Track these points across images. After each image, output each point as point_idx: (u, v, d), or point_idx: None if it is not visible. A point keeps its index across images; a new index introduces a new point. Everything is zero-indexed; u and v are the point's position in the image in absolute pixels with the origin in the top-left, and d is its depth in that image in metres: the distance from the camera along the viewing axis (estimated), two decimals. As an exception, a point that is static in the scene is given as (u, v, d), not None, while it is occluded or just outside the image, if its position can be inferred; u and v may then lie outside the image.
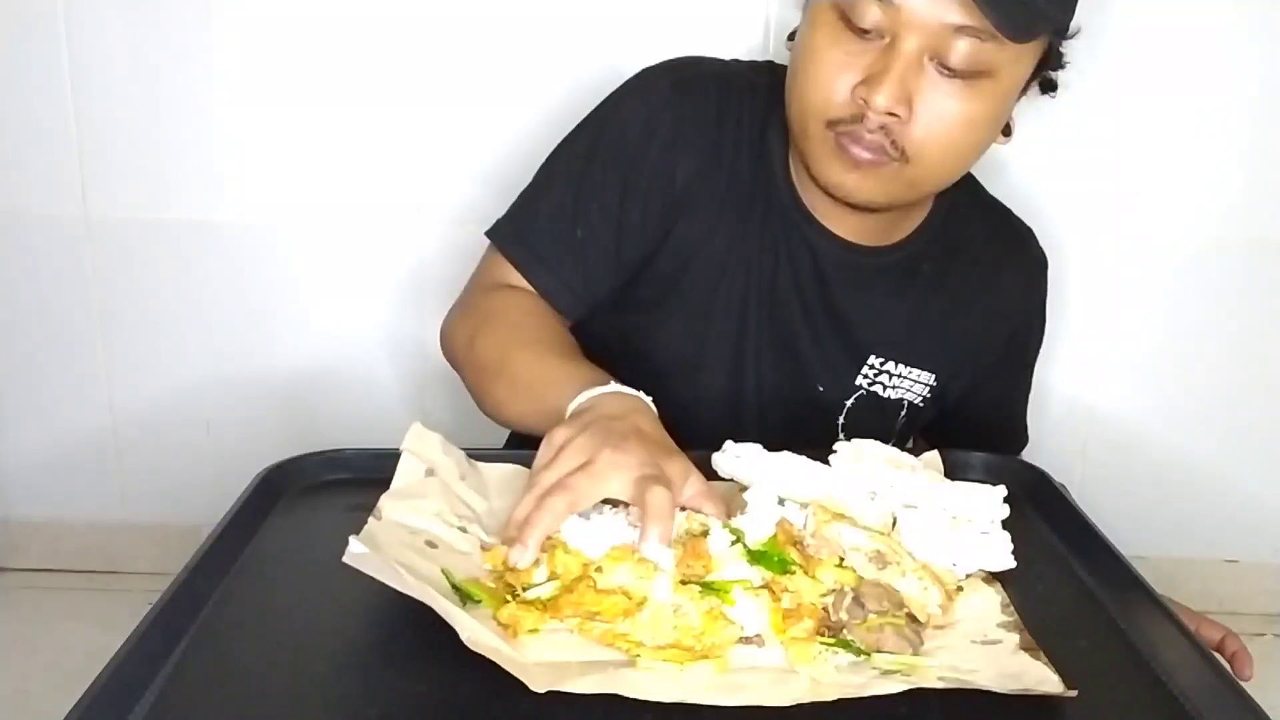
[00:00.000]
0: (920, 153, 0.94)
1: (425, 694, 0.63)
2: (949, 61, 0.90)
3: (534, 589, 0.72)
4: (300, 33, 1.46)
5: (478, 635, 0.65)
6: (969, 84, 0.92)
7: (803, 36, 0.97)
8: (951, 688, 0.64)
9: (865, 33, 0.91)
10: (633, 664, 0.65)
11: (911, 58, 0.90)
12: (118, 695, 0.61)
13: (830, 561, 0.74)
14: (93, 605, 1.59)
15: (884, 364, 1.12)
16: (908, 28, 0.89)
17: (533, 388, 0.96)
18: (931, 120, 0.92)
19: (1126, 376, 1.59)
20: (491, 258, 1.12)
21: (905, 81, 0.90)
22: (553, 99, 1.40)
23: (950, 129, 0.94)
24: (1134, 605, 0.76)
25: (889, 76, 0.90)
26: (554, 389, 0.91)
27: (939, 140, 0.94)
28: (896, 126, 0.92)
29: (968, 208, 1.13)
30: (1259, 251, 1.54)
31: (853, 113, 0.93)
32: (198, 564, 0.75)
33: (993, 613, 0.73)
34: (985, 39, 0.89)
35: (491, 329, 1.04)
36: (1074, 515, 0.88)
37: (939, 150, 0.95)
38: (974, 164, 1.03)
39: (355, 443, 0.93)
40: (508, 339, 1.02)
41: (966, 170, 1.04)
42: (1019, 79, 0.96)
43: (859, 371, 1.12)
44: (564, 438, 0.78)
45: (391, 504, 0.77)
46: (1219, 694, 0.65)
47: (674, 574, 0.71)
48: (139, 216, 1.53)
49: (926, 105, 0.92)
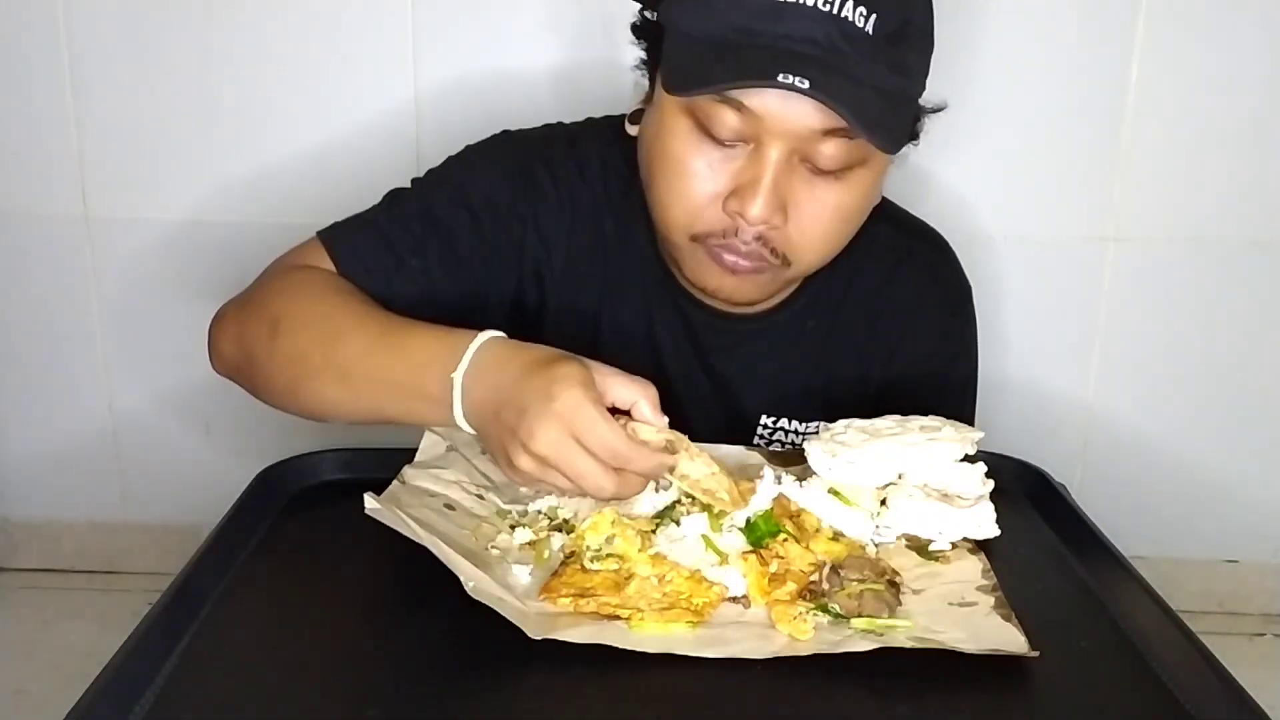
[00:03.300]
0: (800, 254, 0.90)
1: (425, 693, 0.63)
2: (819, 163, 0.85)
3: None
4: (299, 33, 1.46)
5: (481, 584, 0.69)
6: (841, 178, 0.87)
7: (656, 139, 0.89)
8: (921, 647, 0.67)
9: (726, 141, 0.85)
10: (626, 622, 0.70)
11: (780, 164, 0.84)
12: (118, 695, 0.61)
13: (825, 534, 0.79)
14: (93, 605, 1.59)
15: (777, 422, 1.06)
16: (771, 135, 0.83)
17: (377, 374, 0.85)
18: (809, 222, 0.88)
19: (1126, 376, 1.59)
20: (295, 250, 1.00)
21: (778, 189, 0.85)
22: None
23: (829, 225, 0.89)
24: (1134, 605, 0.76)
25: (761, 187, 0.84)
26: (409, 373, 0.83)
27: (818, 238, 0.90)
28: (774, 233, 0.87)
29: (863, 254, 1.01)
30: (1259, 251, 1.54)
31: (724, 227, 0.87)
32: (198, 564, 0.75)
33: (973, 578, 0.76)
34: (853, 136, 0.83)
35: (303, 308, 0.91)
36: (1074, 515, 0.88)
37: (819, 247, 0.91)
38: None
39: (355, 443, 0.93)
40: (327, 316, 0.90)
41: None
42: (891, 156, 0.91)
43: (754, 433, 1.06)
44: (526, 466, 0.74)
45: (414, 471, 0.84)
46: (1219, 694, 0.65)
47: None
48: (139, 216, 1.53)
49: (802, 209, 0.87)
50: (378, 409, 0.86)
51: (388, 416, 0.86)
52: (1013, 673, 0.66)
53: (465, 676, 0.64)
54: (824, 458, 0.81)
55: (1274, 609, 1.68)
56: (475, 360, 0.78)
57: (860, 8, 0.82)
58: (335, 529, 0.81)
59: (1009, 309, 1.54)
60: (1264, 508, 1.63)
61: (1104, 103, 1.48)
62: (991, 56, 1.45)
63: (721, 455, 0.89)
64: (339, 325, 0.89)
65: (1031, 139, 1.49)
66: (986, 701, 0.65)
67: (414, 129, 1.49)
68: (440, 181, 1.01)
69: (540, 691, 0.64)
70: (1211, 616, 1.64)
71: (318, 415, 0.91)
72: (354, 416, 0.89)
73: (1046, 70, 1.47)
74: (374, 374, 0.85)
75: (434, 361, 0.81)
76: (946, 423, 0.85)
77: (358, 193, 1.02)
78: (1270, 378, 1.58)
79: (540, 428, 0.72)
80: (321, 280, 0.95)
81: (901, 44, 0.85)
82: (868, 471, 0.81)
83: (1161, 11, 1.44)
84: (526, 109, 1.45)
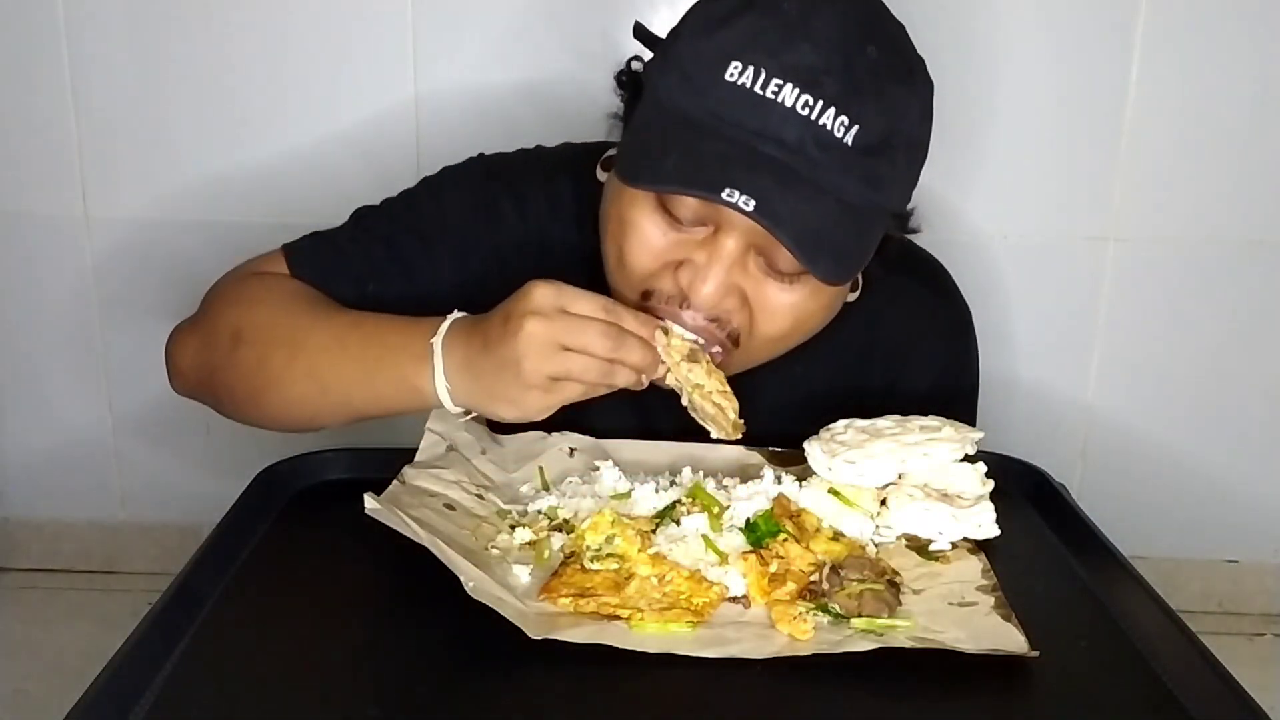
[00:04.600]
0: (750, 345, 0.86)
1: (424, 693, 0.63)
2: (776, 265, 0.82)
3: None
4: (299, 33, 1.46)
5: (481, 584, 0.69)
6: (800, 282, 0.83)
7: (617, 200, 0.85)
8: (921, 647, 0.67)
9: (685, 222, 0.82)
10: (626, 622, 0.70)
11: (736, 255, 0.81)
12: (118, 695, 0.61)
13: (825, 534, 0.79)
14: (93, 605, 1.59)
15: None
16: (731, 226, 0.80)
17: (346, 362, 0.85)
18: (762, 317, 0.84)
19: (1126, 376, 1.59)
20: (253, 260, 1.00)
21: (732, 278, 0.82)
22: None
23: (782, 326, 0.86)
24: (1134, 605, 0.76)
25: (712, 273, 0.81)
26: (382, 356, 0.83)
27: (770, 336, 0.86)
28: (726, 316, 0.84)
29: (854, 299, 0.96)
30: (1259, 251, 1.54)
31: (673, 292, 0.83)
32: (197, 564, 0.75)
33: (973, 578, 0.76)
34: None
35: (264, 313, 0.90)
36: (1074, 515, 0.88)
37: (769, 345, 0.87)
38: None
39: (355, 443, 0.93)
40: (291, 315, 0.89)
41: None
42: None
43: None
44: (534, 379, 0.75)
45: (414, 471, 0.83)
46: (1219, 694, 0.65)
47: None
48: (139, 216, 1.53)
49: (756, 303, 0.84)
50: (345, 401, 0.86)
51: (354, 409, 0.87)
52: (1013, 673, 0.66)
53: (465, 676, 0.64)
54: (824, 458, 0.81)
55: (1274, 609, 1.68)
56: (450, 328, 0.80)
57: (842, 117, 0.77)
58: (335, 529, 0.81)
59: (1009, 309, 1.54)
60: (1264, 508, 1.63)
61: (1104, 103, 1.48)
62: (992, 56, 1.45)
63: (722, 455, 0.90)
64: (302, 323, 0.89)
65: (1031, 139, 1.49)
66: (986, 701, 0.65)
67: (414, 129, 1.49)
68: (406, 207, 1.00)
69: (540, 691, 0.64)
70: (1211, 616, 1.64)
71: (281, 421, 0.91)
72: (319, 416, 0.89)
73: (1046, 70, 1.47)
74: (343, 362, 0.86)
75: (408, 339, 0.82)
76: (946, 423, 0.85)
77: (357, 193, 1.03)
78: (1270, 378, 1.58)
79: (529, 319, 0.74)
80: (280, 285, 0.95)
81: (883, 155, 0.80)
82: (867, 471, 0.81)
83: (1161, 11, 1.44)
84: (526, 110, 1.45)
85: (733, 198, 0.75)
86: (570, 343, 0.75)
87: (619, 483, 0.84)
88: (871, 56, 0.79)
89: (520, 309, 0.75)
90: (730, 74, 0.78)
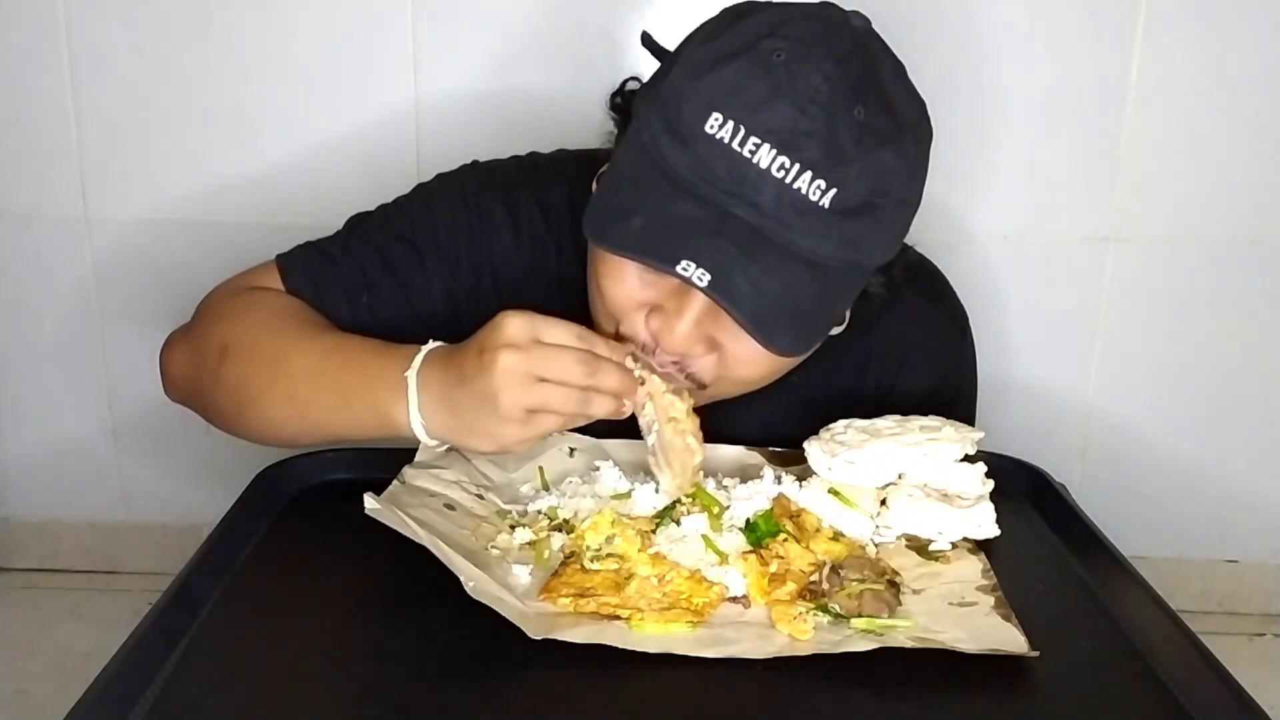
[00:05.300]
0: (718, 385, 0.86)
1: (425, 693, 0.63)
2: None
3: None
4: (299, 34, 1.46)
5: (481, 584, 0.70)
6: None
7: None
8: (921, 647, 0.67)
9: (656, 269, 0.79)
10: (626, 622, 0.70)
11: (706, 305, 0.79)
12: (118, 695, 0.61)
13: (825, 534, 0.79)
14: (93, 605, 1.59)
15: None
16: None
17: (324, 388, 0.85)
18: (731, 363, 0.84)
19: (1126, 377, 1.59)
20: (248, 272, 1.00)
21: (701, 325, 0.81)
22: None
23: (751, 373, 0.85)
24: (1134, 605, 0.76)
25: (682, 321, 0.80)
26: (359, 383, 0.83)
27: (739, 380, 0.86)
28: (692, 362, 0.83)
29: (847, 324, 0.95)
30: (1259, 252, 1.54)
31: (644, 340, 0.83)
32: (197, 564, 0.75)
33: (973, 578, 0.77)
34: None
35: (250, 331, 0.91)
36: (1074, 515, 0.88)
37: (737, 387, 0.87)
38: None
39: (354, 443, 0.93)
40: (276, 337, 0.90)
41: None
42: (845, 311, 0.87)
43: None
44: (511, 413, 0.74)
45: (414, 471, 0.84)
46: (1219, 694, 0.65)
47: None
48: (139, 217, 1.53)
49: (726, 349, 0.83)
50: (324, 425, 0.86)
51: (334, 434, 0.87)
52: (1013, 673, 0.66)
53: (465, 676, 0.65)
54: (824, 458, 0.81)
55: (1274, 609, 1.67)
56: (425, 360, 0.80)
57: (818, 181, 0.75)
58: (335, 529, 0.81)
59: (1009, 309, 1.53)
60: (1264, 508, 1.63)
61: (1104, 103, 1.47)
62: (991, 56, 1.45)
63: (722, 455, 0.90)
64: (286, 345, 0.89)
65: (1031, 139, 1.49)
66: (986, 701, 0.65)
67: (414, 130, 1.49)
68: (400, 216, 1.00)
69: (540, 691, 0.64)
70: (1211, 616, 1.64)
71: (265, 438, 0.91)
72: (300, 437, 0.89)
73: (1046, 70, 1.47)
74: (321, 389, 0.85)
75: (384, 369, 0.81)
76: (946, 422, 0.85)
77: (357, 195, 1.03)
78: (1270, 378, 1.58)
79: (503, 352, 0.73)
80: (270, 302, 0.96)
81: (864, 216, 0.77)
82: (868, 471, 0.81)
83: (1161, 11, 1.44)
84: (527, 111, 1.45)
85: (688, 271, 0.74)
86: (545, 373, 0.74)
87: (619, 483, 0.85)
88: (859, 118, 0.76)
89: (494, 341, 0.74)
90: (710, 126, 0.76)
